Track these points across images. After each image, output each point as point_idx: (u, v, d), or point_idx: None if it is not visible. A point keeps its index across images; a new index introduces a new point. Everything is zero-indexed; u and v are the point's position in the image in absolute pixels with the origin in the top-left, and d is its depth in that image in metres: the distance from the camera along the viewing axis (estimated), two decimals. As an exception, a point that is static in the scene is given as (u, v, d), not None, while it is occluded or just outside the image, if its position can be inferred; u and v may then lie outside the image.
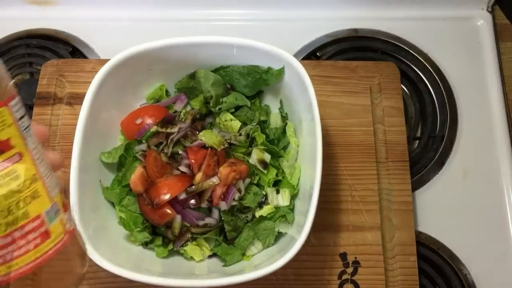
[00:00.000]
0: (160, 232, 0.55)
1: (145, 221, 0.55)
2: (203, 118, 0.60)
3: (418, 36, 0.76)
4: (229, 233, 0.54)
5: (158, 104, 0.60)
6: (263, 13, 0.77)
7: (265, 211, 0.55)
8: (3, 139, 0.32)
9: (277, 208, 0.56)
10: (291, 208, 0.56)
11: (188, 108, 0.60)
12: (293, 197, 0.56)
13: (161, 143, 0.57)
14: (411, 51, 0.75)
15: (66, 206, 0.37)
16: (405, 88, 0.73)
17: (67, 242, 0.36)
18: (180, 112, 0.60)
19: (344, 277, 0.59)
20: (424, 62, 0.74)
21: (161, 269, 0.53)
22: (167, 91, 0.61)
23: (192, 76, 0.59)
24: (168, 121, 0.58)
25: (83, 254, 0.38)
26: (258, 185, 0.57)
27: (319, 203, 0.49)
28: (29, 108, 0.66)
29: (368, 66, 0.69)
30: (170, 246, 0.55)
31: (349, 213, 0.61)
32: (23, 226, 0.32)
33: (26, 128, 0.34)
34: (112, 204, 0.56)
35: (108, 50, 0.73)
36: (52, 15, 0.76)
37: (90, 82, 0.52)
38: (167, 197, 0.52)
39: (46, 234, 0.34)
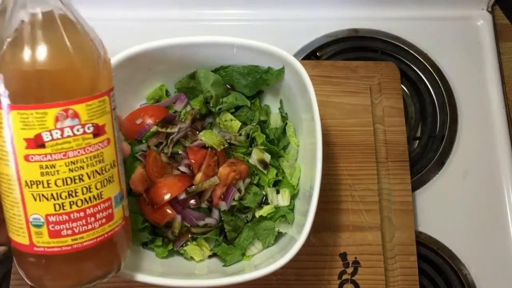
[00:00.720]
0: (160, 232, 0.55)
1: (145, 221, 0.55)
2: (203, 118, 0.60)
3: (418, 36, 0.76)
4: (229, 233, 0.54)
5: (158, 104, 0.59)
6: (263, 13, 0.77)
7: (265, 211, 0.55)
8: (101, 124, 0.36)
9: (277, 208, 0.56)
10: (291, 208, 0.56)
11: (188, 108, 0.60)
12: (293, 197, 0.56)
13: (161, 143, 0.57)
14: (411, 51, 0.75)
15: (126, 194, 0.41)
16: (405, 88, 0.73)
17: (124, 226, 0.39)
18: (180, 112, 0.60)
19: (344, 277, 0.59)
20: (424, 62, 0.74)
21: (161, 269, 0.53)
22: (167, 91, 0.61)
23: (192, 76, 0.59)
24: (168, 121, 0.58)
25: (129, 241, 0.41)
26: (258, 185, 0.57)
27: (319, 203, 0.48)
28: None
29: (368, 66, 0.69)
30: (170, 246, 0.55)
31: (349, 213, 0.61)
32: (96, 205, 0.36)
33: (115, 118, 0.38)
34: (112, 204, 0.56)
35: (108, 50, 0.73)
36: (52, 15, 0.76)
37: (90, 82, 0.52)
38: (167, 197, 0.52)
39: (110, 216, 0.37)
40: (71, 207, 0.35)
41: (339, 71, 0.68)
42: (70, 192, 0.34)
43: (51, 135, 0.33)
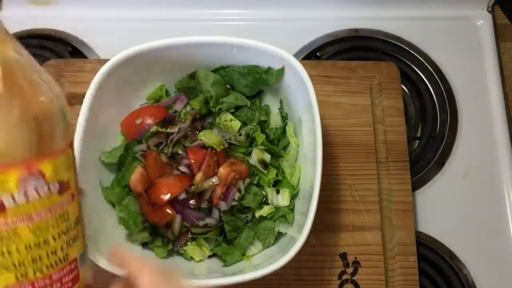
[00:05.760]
0: (160, 232, 0.55)
1: (145, 221, 0.55)
2: (203, 118, 0.60)
3: (418, 36, 0.76)
4: (229, 233, 0.54)
5: (158, 104, 0.59)
6: (263, 13, 0.77)
7: (265, 211, 0.55)
8: (65, 179, 0.32)
9: (277, 208, 0.56)
10: (291, 208, 0.56)
11: (188, 108, 0.60)
12: (293, 197, 0.56)
13: (161, 143, 0.57)
14: (411, 51, 0.75)
15: (87, 247, 0.36)
16: (405, 88, 0.73)
17: (89, 285, 0.35)
18: (180, 112, 0.60)
19: (344, 277, 0.59)
20: (424, 62, 0.74)
21: (161, 269, 0.53)
22: (167, 91, 0.61)
23: (192, 76, 0.59)
24: (168, 121, 0.58)
25: None
26: (258, 185, 0.57)
27: (319, 203, 0.48)
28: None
29: (368, 66, 0.69)
30: (170, 246, 0.55)
31: (349, 213, 0.61)
32: (62, 269, 0.32)
33: (75, 169, 0.34)
34: (112, 204, 0.56)
35: (108, 50, 0.73)
36: (52, 15, 0.76)
37: (90, 82, 0.52)
38: (167, 197, 0.52)
39: (76, 278, 0.33)
40: (35, 275, 0.30)
41: (339, 71, 0.68)
42: (34, 259, 0.30)
43: (13, 199, 0.29)
